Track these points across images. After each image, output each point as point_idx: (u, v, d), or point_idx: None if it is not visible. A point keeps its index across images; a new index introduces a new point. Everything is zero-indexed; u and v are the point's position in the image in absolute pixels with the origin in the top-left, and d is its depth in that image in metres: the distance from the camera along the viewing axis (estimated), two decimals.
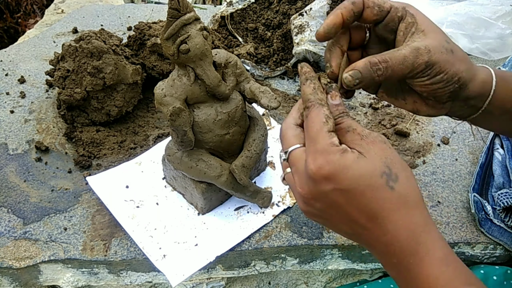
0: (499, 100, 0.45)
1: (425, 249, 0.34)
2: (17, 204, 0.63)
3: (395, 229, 0.35)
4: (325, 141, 0.36)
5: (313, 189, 0.36)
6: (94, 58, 0.71)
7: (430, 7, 1.06)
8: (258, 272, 0.63)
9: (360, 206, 0.35)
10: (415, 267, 0.34)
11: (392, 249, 0.35)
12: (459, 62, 0.42)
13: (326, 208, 0.37)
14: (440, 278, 0.34)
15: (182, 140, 0.55)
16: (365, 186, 0.35)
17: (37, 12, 1.99)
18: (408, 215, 0.35)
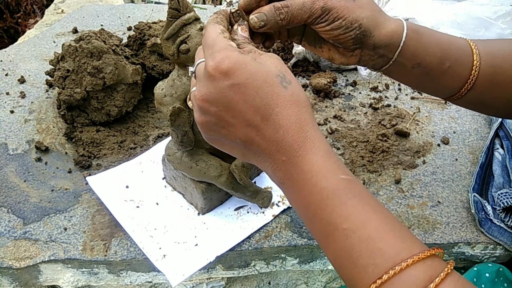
0: (410, 52, 0.47)
1: (311, 143, 0.36)
2: (17, 204, 0.63)
3: (287, 124, 0.36)
4: (223, 43, 0.38)
5: (210, 88, 0.37)
6: (94, 58, 0.72)
7: (430, 7, 1.06)
8: (258, 272, 0.63)
9: (256, 102, 0.36)
10: (302, 160, 0.36)
11: (283, 146, 0.36)
12: (359, 9, 0.44)
13: (222, 112, 0.37)
14: (323, 167, 0.36)
15: (182, 140, 0.55)
16: (262, 81, 0.36)
17: (37, 12, 1.99)
18: (299, 112, 0.37)
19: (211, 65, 0.36)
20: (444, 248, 0.63)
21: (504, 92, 0.51)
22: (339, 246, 0.34)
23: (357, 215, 0.34)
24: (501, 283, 0.62)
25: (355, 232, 0.33)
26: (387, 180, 0.71)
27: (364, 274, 0.32)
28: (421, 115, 0.85)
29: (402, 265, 0.30)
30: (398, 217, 0.65)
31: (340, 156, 0.74)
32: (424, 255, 0.31)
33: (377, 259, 0.32)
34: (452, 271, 0.31)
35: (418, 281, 0.30)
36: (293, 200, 0.38)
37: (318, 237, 0.36)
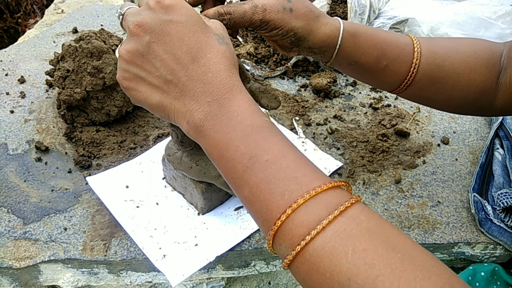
0: (346, 52, 0.52)
1: (237, 89, 0.38)
2: (17, 204, 0.63)
3: (216, 69, 0.38)
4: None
5: (147, 18, 0.37)
6: (94, 58, 0.72)
7: (430, 7, 1.06)
8: (258, 272, 0.63)
9: (190, 42, 0.38)
10: (228, 101, 0.37)
11: (210, 88, 0.37)
12: (295, 19, 0.49)
13: (154, 43, 0.37)
14: (249, 109, 0.38)
15: (182, 140, 0.55)
16: (199, 28, 0.38)
17: (37, 12, 1.99)
18: (229, 65, 0.39)
19: (153, 0, 0.38)
20: (444, 248, 0.63)
21: (444, 89, 0.55)
22: (258, 179, 0.35)
23: (278, 148, 0.36)
24: (494, 282, 0.63)
25: (275, 163, 0.35)
26: (387, 180, 0.71)
27: (280, 200, 0.33)
28: (421, 115, 0.85)
29: (317, 190, 0.33)
30: (398, 217, 0.65)
31: (340, 156, 0.74)
32: (335, 184, 0.34)
33: (293, 186, 0.34)
34: (359, 200, 0.34)
35: (328, 204, 0.32)
36: (211, 141, 0.38)
37: (236, 175, 0.37)
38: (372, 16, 0.97)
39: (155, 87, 0.39)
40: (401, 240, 0.31)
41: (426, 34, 1.01)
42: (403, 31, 1.01)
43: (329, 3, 0.98)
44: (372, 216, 0.33)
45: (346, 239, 0.30)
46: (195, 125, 0.38)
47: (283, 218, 0.33)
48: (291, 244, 0.33)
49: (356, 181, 0.70)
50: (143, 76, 0.39)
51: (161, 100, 0.39)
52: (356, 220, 0.32)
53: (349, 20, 0.92)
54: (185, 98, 0.38)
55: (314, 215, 0.32)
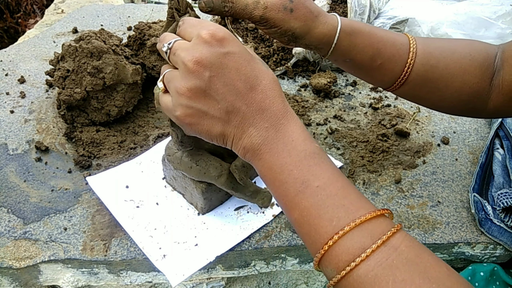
0: (342, 50, 0.54)
1: (292, 115, 0.41)
2: (17, 204, 0.63)
3: (273, 95, 0.40)
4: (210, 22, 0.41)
5: (206, 53, 0.38)
6: (94, 58, 0.71)
7: (430, 7, 1.06)
8: (258, 272, 0.63)
9: (247, 72, 0.39)
10: (284, 127, 0.40)
11: (268, 114, 0.39)
12: (294, 20, 0.51)
13: (214, 78, 0.38)
14: (302, 134, 0.40)
15: (182, 140, 0.55)
16: (250, 57, 0.40)
17: (37, 12, 1.99)
18: (280, 90, 0.41)
19: (206, 33, 0.39)
20: (444, 248, 0.63)
21: (437, 89, 0.56)
22: (309, 203, 0.37)
23: (328, 175, 0.38)
24: (494, 282, 0.63)
25: (325, 189, 0.37)
26: (387, 180, 0.71)
27: (329, 226, 0.36)
28: (421, 115, 0.85)
29: (361, 219, 0.35)
30: (398, 217, 0.65)
31: (340, 156, 0.74)
32: (379, 213, 0.36)
33: (341, 213, 0.36)
34: (401, 228, 0.36)
35: (373, 233, 0.35)
36: (266, 163, 0.40)
37: (288, 197, 0.39)
38: (372, 16, 0.97)
39: (217, 118, 0.40)
40: (437, 270, 0.33)
41: (426, 34, 1.01)
42: (403, 31, 1.01)
43: (329, 3, 0.98)
44: (412, 245, 0.35)
45: (388, 269, 0.33)
46: (252, 149, 0.40)
47: (331, 244, 0.35)
48: (337, 268, 0.35)
49: (356, 181, 0.70)
50: (205, 111, 0.40)
51: (222, 130, 0.40)
52: (398, 250, 0.34)
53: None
54: (245, 125, 0.40)
55: (359, 243, 0.34)
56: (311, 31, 0.52)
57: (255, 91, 0.39)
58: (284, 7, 0.50)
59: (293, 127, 0.40)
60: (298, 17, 0.51)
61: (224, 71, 0.38)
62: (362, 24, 0.55)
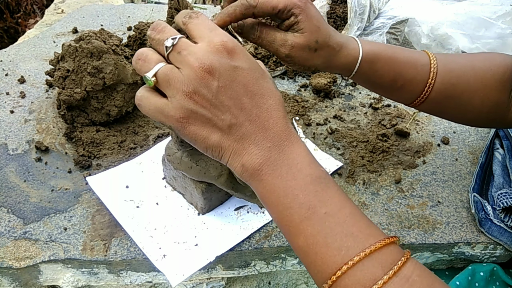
0: (363, 76, 0.56)
1: (296, 138, 0.40)
2: (17, 204, 0.63)
3: (277, 116, 0.39)
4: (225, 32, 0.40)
5: (216, 62, 0.37)
6: (94, 58, 0.71)
7: (430, 7, 1.06)
8: (258, 272, 0.63)
9: (254, 89, 0.38)
10: (287, 148, 0.38)
11: (271, 134, 0.38)
12: (317, 58, 0.52)
13: (221, 88, 0.37)
14: (307, 157, 0.39)
15: (182, 140, 0.55)
16: (260, 74, 0.39)
17: (37, 12, 1.99)
18: (285, 112, 0.40)
19: (218, 41, 0.37)
20: (444, 248, 0.63)
21: (458, 104, 0.58)
22: (315, 231, 0.36)
23: (335, 202, 0.37)
24: (493, 282, 0.63)
25: (333, 216, 0.36)
26: (387, 180, 0.70)
27: (337, 256, 0.35)
28: (421, 115, 0.85)
29: (371, 248, 0.34)
30: (398, 217, 0.65)
31: (340, 156, 0.74)
32: (388, 241, 0.35)
33: (350, 242, 0.35)
34: (410, 257, 0.35)
35: (383, 263, 0.34)
36: (268, 186, 0.38)
37: (293, 223, 0.37)
38: (372, 16, 0.97)
39: (218, 128, 0.38)
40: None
41: (426, 34, 1.01)
42: (403, 31, 1.01)
43: (329, 3, 0.98)
44: (423, 275, 0.34)
45: None
46: (252, 169, 0.38)
47: (339, 274, 0.34)
48: None
49: (356, 181, 0.70)
50: (208, 118, 0.38)
51: (220, 141, 0.38)
52: (410, 281, 0.33)
53: (349, 20, 0.92)
54: (245, 141, 0.38)
55: (370, 274, 0.33)
56: (333, 64, 0.53)
57: (260, 109, 0.38)
58: (309, 48, 0.51)
59: (297, 149, 0.39)
60: (321, 55, 0.52)
61: (232, 84, 0.37)
62: (383, 48, 0.55)
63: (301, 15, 0.49)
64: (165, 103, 0.38)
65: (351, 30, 0.93)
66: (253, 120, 0.38)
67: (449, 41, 0.99)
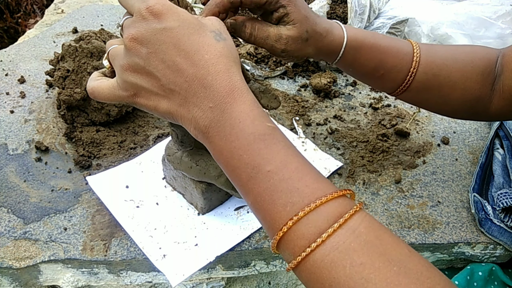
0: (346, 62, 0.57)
1: (239, 92, 0.37)
2: (17, 204, 0.63)
3: (216, 71, 0.37)
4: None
5: (141, 29, 0.37)
6: (94, 58, 0.71)
7: (430, 7, 1.06)
8: (258, 272, 0.63)
9: (186, 47, 0.37)
10: (230, 106, 0.37)
11: (211, 92, 0.37)
12: (308, 47, 0.52)
13: (151, 54, 0.37)
14: (250, 114, 0.37)
15: (182, 140, 0.55)
16: (193, 30, 0.38)
17: (37, 12, 1.99)
18: (228, 63, 0.38)
19: (142, 7, 0.37)
20: (444, 248, 0.63)
21: (439, 95, 0.58)
22: (261, 189, 0.36)
23: (280, 158, 0.36)
24: (492, 282, 0.63)
25: (277, 173, 0.35)
26: (387, 180, 0.70)
27: (283, 212, 0.34)
28: (421, 115, 0.85)
29: (317, 202, 0.33)
30: (398, 217, 0.65)
31: (340, 156, 0.74)
32: (336, 195, 0.34)
33: (295, 198, 0.34)
34: (360, 209, 0.34)
35: (329, 216, 0.33)
36: (216, 147, 0.38)
37: (241, 182, 0.37)
38: (372, 16, 0.97)
39: (161, 96, 0.38)
40: (399, 251, 0.32)
41: (426, 34, 1.01)
42: (403, 31, 1.01)
43: (329, 3, 0.98)
44: (371, 226, 0.33)
45: (345, 253, 0.32)
46: (201, 131, 0.38)
47: (285, 230, 0.34)
48: (293, 253, 0.34)
49: (356, 181, 0.70)
50: (148, 87, 0.38)
51: (168, 108, 0.38)
52: (356, 232, 0.32)
53: (349, 20, 0.92)
54: (189, 104, 0.37)
55: (314, 228, 0.33)
56: (321, 51, 0.54)
57: (196, 67, 0.37)
58: (302, 39, 0.51)
59: (240, 106, 0.37)
60: (311, 44, 0.52)
61: (161, 46, 0.37)
62: (367, 35, 0.56)
63: (290, 6, 0.49)
64: (112, 85, 0.40)
65: None
66: (190, 80, 0.37)
67: (449, 41, 0.99)
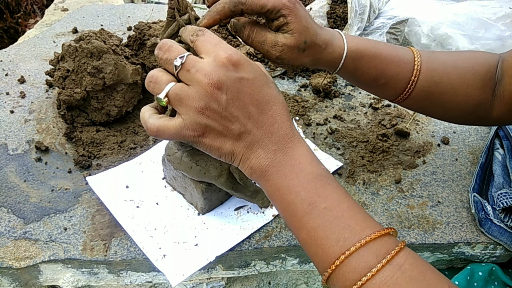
0: (347, 72, 0.57)
1: (298, 139, 0.43)
2: (17, 204, 0.63)
3: (281, 120, 0.42)
4: (229, 45, 0.42)
5: (223, 77, 0.39)
6: (94, 58, 0.71)
7: (430, 7, 1.06)
8: (258, 272, 0.63)
9: (259, 97, 0.41)
10: (291, 150, 0.42)
11: (276, 138, 0.42)
12: (305, 57, 0.53)
13: (230, 101, 0.40)
14: (309, 157, 0.42)
15: None
16: (264, 82, 0.42)
17: (37, 12, 1.99)
18: (288, 114, 0.43)
19: (224, 56, 0.40)
20: (444, 248, 0.63)
21: (441, 102, 0.58)
22: (316, 224, 0.39)
23: (334, 197, 0.40)
24: (492, 282, 0.63)
25: (332, 211, 0.39)
26: (387, 180, 0.71)
27: (335, 246, 0.37)
28: (421, 115, 0.85)
29: (366, 239, 0.37)
30: (398, 217, 0.65)
31: (340, 156, 0.74)
32: (384, 232, 0.38)
33: (347, 234, 0.38)
34: (405, 246, 0.38)
35: (378, 252, 0.36)
36: (274, 185, 0.41)
37: (295, 218, 0.40)
38: (372, 16, 0.97)
39: (229, 138, 0.41)
40: (440, 286, 0.35)
41: (426, 34, 1.01)
42: (403, 31, 1.01)
43: (329, 3, 0.98)
44: (415, 263, 0.36)
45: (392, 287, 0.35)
46: (260, 170, 0.42)
47: (337, 263, 0.37)
48: (344, 286, 0.37)
49: (356, 181, 0.70)
50: (220, 130, 0.41)
51: (232, 149, 0.42)
52: (402, 269, 0.36)
53: (349, 20, 0.92)
54: (254, 146, 0.41)
55: (365, 263, 0.36)
56: (319, 61, 0.54)
57: (266, 115, 0.41)
58: (298, 48, 0.51)
59: (300, 150, 0.42)
60: (309, 54, 0.53)
61: (239, 95, 0.40)
62: (368, 45, 0.56)
63: (290, 16, 0.50)
64: (180, 125, 0.41)
65: (351, 30, 0.93)
66: (260, 126, 0.41)
67: (449, 41, 0.99)
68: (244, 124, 0.41)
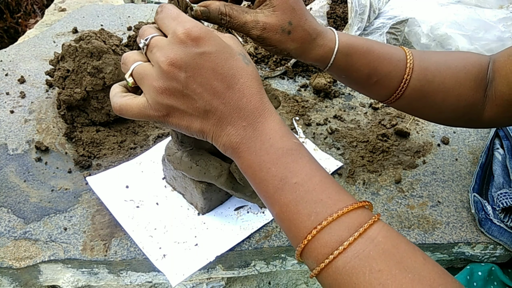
0: (338, 69, 0.55)
1: (269, 112, 0.41)
2: (17, 204, 0.63)
3: (250, 93, 0.40)
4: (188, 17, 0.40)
5: (181, 54, 0.38)
6: (94, 58, 0.72)
7: (430, 7, 1.06)
8: (258, 272, 0.63)
9: (224, 71, 0.39)
10: (261, 125, 0.40)
11: (245, 113, 0.40)
12: (291, 42, 0.51)
13: (190, 78, 0.38)
14: (279, 131, 0.40)
15: (182, 140, 0.55)
16: (228, 55, 0.40)
17: (37, 12, 1.99)
18: (259, 86, 0.41)
19: (181, 31, 0.38)
20: (444, 248, 0.63)
21: (434, 102, 0.57)
22: (287, 199, 0.38)
23: (305, 171, 0.39)
24: (491, 282, 0.63)
25: (303, 185, 0.38)
26: (387, 180, 0.71)
27: (307, 221, 0.37)
28: None
29: (338, 213, 0.36)
30: (398, 217, 0.65)
31: (340, 156, 0.74)
32: (356, 206, 0.37)
33: (319, 208, 0.37)
34: (379, 219, 0.37)
35: (350, 226, 0.36)
36: (246, 161, 0.40)
37: (268, 194, 0.40)
38: (372, 16, 0.97)
39: (195, 116, 0.40)
40: (414, 259, 0.34)
41: (426, 34, 1.01)
42: (403, 31, 1.01)
43: (329, 3, 0.98)
44: (389, 235, 0.36)
45: (364, 260, 0.34)
46: (231, 147, 0.41)
47: (309, 238, 0.36)
48: (317, 261, 0.36)
49: (356, 181, 0.70)
50: (183, 109, 0.40)
51: (201, 127, 0.41)
52: (374, 241, 0.35)
53: (349, 20, 0.92)
54: (223, 124, 0.40)
55: (337, 237, 0.35)
56: (307, 52, 0.52)
57: (232, 90, 0.39)
58: (282, 29, 0.49)
59: (270, 124, 0.40)
60: (295, 39, 0.51)
61: (200, 71, 0.38)
62: (360, 41, 0.55)
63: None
64: (143, 104, 0.41)
65: (351, 30, 0.93)
66: (227, 102, 0.39)
67: (449, 41, 0.99)
68: (209, 101, 0.39)
